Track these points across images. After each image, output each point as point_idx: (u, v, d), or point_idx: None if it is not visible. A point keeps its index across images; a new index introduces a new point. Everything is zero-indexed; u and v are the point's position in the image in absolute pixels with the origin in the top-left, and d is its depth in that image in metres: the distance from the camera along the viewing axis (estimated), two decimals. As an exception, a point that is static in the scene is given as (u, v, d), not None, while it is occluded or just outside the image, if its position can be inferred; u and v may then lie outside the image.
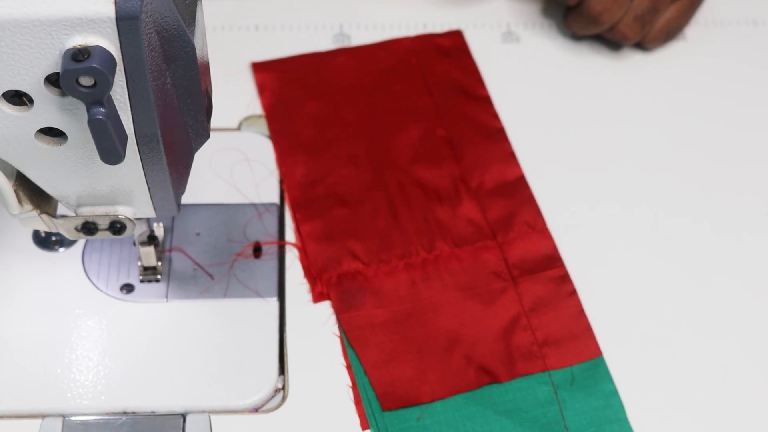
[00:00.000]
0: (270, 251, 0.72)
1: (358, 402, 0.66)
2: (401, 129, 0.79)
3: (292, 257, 0.72)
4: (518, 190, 0.75)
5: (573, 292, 0.70)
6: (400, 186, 0.75)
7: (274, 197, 0.75)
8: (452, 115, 0.79)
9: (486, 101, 0.80)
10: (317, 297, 0.70)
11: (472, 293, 0.70)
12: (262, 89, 0.80)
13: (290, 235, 0.73)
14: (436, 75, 0.82)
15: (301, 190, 0.75)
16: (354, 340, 0.68)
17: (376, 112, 0.80)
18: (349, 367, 0.67)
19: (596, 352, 0.68)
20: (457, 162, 0.77)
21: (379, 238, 0.73)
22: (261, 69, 0.82)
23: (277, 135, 0.78)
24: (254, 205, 0.74)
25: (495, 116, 0.79)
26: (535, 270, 0.71)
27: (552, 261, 0.72)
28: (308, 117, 0.76)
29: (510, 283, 0.71)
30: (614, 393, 0.66)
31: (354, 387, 0.66)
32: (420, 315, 0.69)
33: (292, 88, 0.80)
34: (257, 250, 0.72)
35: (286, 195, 0.75)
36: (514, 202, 0.75)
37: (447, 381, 0.67)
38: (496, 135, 0.78)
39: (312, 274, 0.71)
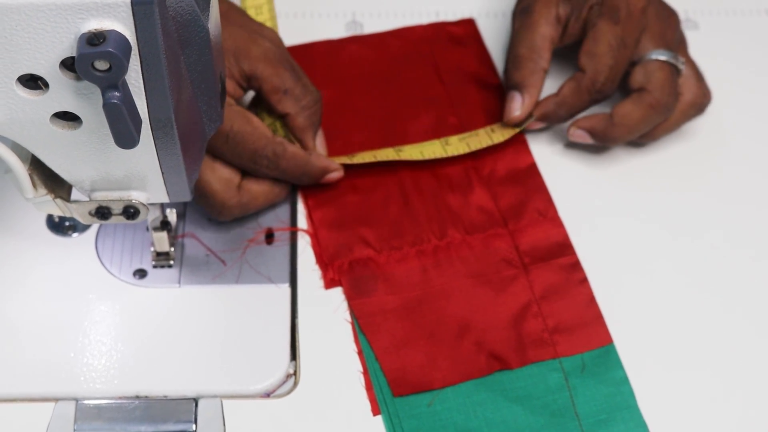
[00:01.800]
0: (282, 237, 0.72)
1: (369, 388, 0.66)
2: (413, 117, 0.79)
3: (304, 243, 0.72)
4: (530, 177, 0.76)
5: (584, 280, 0.70)
6: (412, 173, 0.75)
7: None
8: (464, 104, 0.80)
9: (498, 89, 0.80)
10: (329, 283, 0.70)
11: (483, 280, 0.70)
12: None
13: (302, 221, 0.73)
14: (448, 63, 0.82)
15: None
16: (365, 326, 0.68)
17: (389, 100, 0.80)
18: (360, 353, 0.67)
19: (607, 340, 0.68)
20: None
21: (391, 225, 0.73)
22: None
23: None
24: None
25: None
26: (546, 257, 0.71)
27: (563, 248, 0.72)
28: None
29: (521, 270, 0.71)
30: (625, 380, 0.66)
31: (365, 373, 0.67)
32: (431, 302, 0.70)
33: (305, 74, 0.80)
34: (269, 237, 0.72)
35: None
36: (525, 190, 0.75)
37: (458, 367, 0.67)
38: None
39: (324, 260, 0.71)
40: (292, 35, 0.83)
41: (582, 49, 0.75)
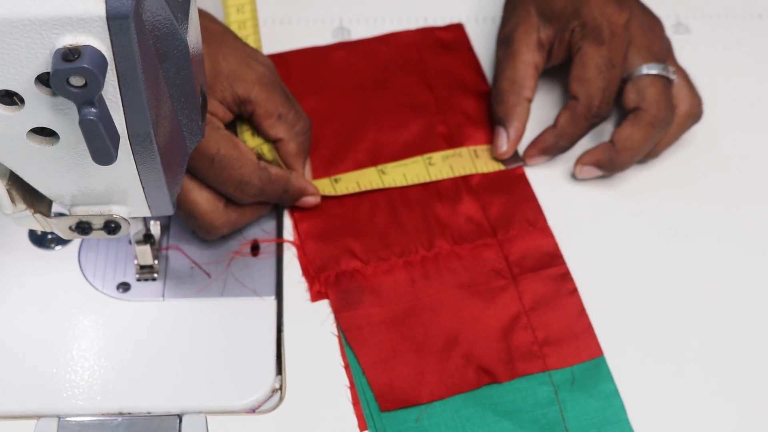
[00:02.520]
0: (268, 249, 0.71)
1: (356, 403, 0.65)
2: (401, 124, 0.78)
3: (290, 255, 0.71)
4: (519, 187, 0.75)
5: (574, 291, 0.70)
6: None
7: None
8: (453, 111, 0.79)
9: (487, 96, 0.79)
10: (315, 296, 0.69)
11: (472, 291, 0.70)
12: None
13: (288, 233, 0.72)
14: (436, 69, 0.81)
15: None
16: (352, 339, 0.67)
17: (376, 107, 0.79)
18: (347, 367, 0.67)
19: (597, 352, 0.67)
20: None
21: (378, 236, 0.72)
22: None
23: None
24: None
25: None
26: (536, 268, 0.71)
27: (553, 259, 0.71)
28: (308, 112, 0.75)
29: (510, 281, 0.70)
30: (615, 393, 0.66)
31: (352, 387, 0.66)
32: (419, 314, 0.69)
33: (292, 82, 0.79)
34: (255, 249, 0.71)
35: None
36: (514, 199, 0.74)
37: (446, 381, 0.66)
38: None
39: (310, 273, 0.70)
40: (277, 42, 0.82)
41: (571, 75, 0.74)
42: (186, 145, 0.58)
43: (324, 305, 0.69)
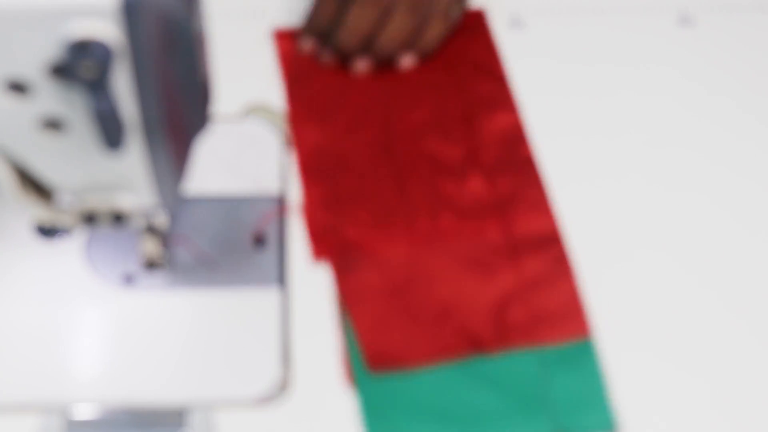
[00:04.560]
0: (273, 241, 0.71)
1: (346, 363, 0.66)
2: (416, 100, 0.79)
3: (296, 246, 0.71)
4: (527, 168, 0.76)
5: (571, 272, 0.71)
6: (410, 157, 0.76)
7: (277, 186, 0.74)
8: (468, 91, 0.80)
9: (502, 79, 0.80)
10: (317, 257, 0.71)
11: (471, 266, 0.71)
12: (283, 57, 0.81)
13: (294, 223, 0.72)
14: (455, 49, 0.82)
15: (312, 154, 0.76)
16: (349, 301, 0.69)
17: (393, 82, 0.80)
18: (340, 330, 0.68)
19: (587, 332, 0.68)
20: (469, 137, 0.77)
21: (385, 205, 0.73)
22: (282, 37, 0.82)
23: (294, 101, 0.79)
24: (257, 195, 0.73)
25: (509, 94, 0.80)
26: (536, 248, 0.72)
27: (553, 240, 0.72)
28: (324, 85, 0.76)
29: (510, 258, 0.71)
30: (601, 373, 0.67)
31: (344, 350, 0.67)
32: (417, 283, 0.70)
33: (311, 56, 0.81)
34: (260, 240, 0.71)
35: (297, 158, 0.75)
36: (521, 180, 0.75)
37: (436, 349, 0.67)
38: (511, 113, 0.78)
39: (314, 236, 0.71)
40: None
41: None
42: (193, 134, 0.58)
43: (330, 296, 0.69)
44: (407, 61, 0.80)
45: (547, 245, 0.72)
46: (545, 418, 0.65)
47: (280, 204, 0.73)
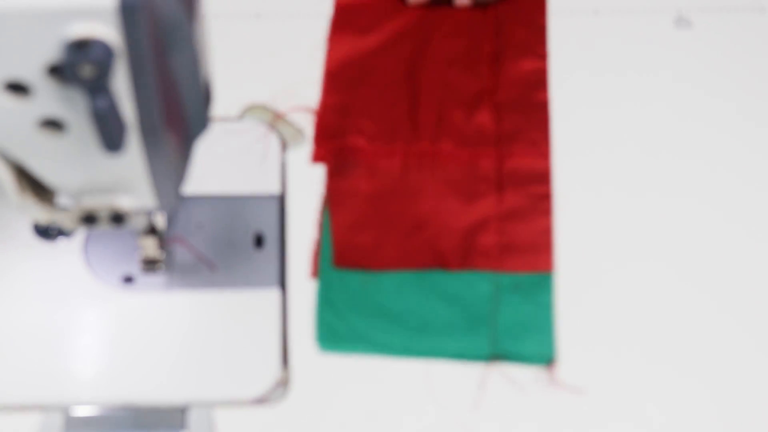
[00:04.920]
0: (272, 241, 0.72)
1: (315, 254, 0.70)
2: (452, 34, 0.82)
3: (295, 247, 0.72)
4: (538, 111, 0.78)
5: (548, 211, 0.73)
6: (430, 83, 0.79)
7: (275, 187, 0.74)
8: (505, 34, 0.82)
9: (542, 30, 0.82)
10: (316, 158, 0.75)
11: (455, 190, 0.74)
12: None
13: (293, 226, 0.73)
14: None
15: (338, 64, 0.79)
16: (333, 201, 0.72)
17: (440, 15, 0.83)
18: (319, 226, 0.71)
19: (549, 268, 0.71)
20: (492, 74, 0.79)
21: (391, 121, 0.77)
22: None
23: (339, 11, 0.82)
24: (257, 195, 0.73)
25: (543, 44, 0.82)
26: (522, 183, 0.74)
27: (541, 178, 0.75)
28: (374, 4, 0.82)
29: (494, 189, 0.74)
30: (550, 305, 0.69)
31: (317, 243, 0.70)
32: (400, 196, 0.73)
33: None
34: (259, 241, 0.72)
35: (325, 65, 0.80)
36: (528, 120, 0.77)
37: (401, 256, 0.71)
38: (539, 60, 0.81)
39: (319, 139, 0.75)
40: (280, 36, 0.82)
41: None
42: (192, 135, 0.58)
43: (329, 296, 0.70)
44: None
45: (534, 182, 0.74)
46: (487, 339, 0.67)
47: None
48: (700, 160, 0.78)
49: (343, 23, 0.82)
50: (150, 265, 0.70)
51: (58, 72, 0.49)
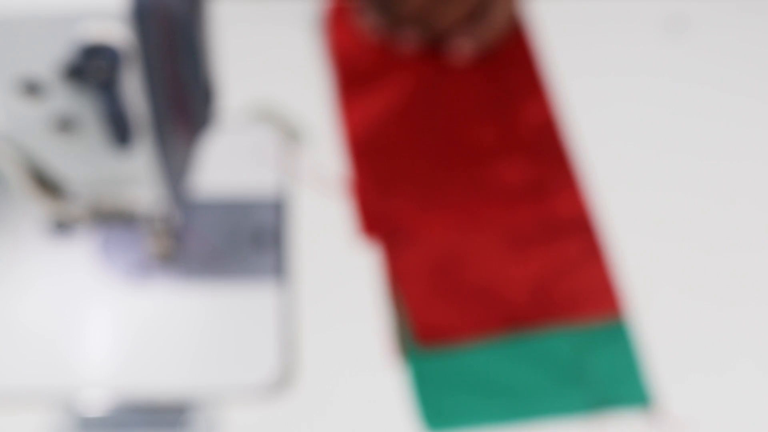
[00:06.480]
0: (275, 237, 0.73)
1: (391, 339, 0.69)
2: (455, 89, 0.81)
3: (300, 240, 0.72)
4: (561, 153, 0.78)
5: (603, 254, 0.73)
6: (451, 143, 0.78)
7: (280, 186, 0.75)
8: (506, 81, 0.81)
9: (541, 70, 0.82)
10: (368, 236, 0.74)
11: (507, 245, 0.73)
12: (332, 36, 0.84)
13: (296, 224, 0.73)
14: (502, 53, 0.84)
15: (359, 136, 0.79)
16: (401, 280, 0.72)
17: (430, 72, 0.82)
18: (388, 306, 0.70)
19: (619, 312, 0.70)
20: (505, 125, 0.79)
21: (428, 190, 0.76)
22: (334, 15, 0.85)
23: (341, 78, 0.82)
24: (259, 195, 0.75)
25: (547, 90, 0.81)
26: (577, 229, 0.74)
27: (593, 221, 0.74)
28: (372, 62, 0.82)
29: (550, 238, 0.74)
30: (636, 351, 0.68)
31: (390, 326, 0.69)
32: (459, 263, 0.73)
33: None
34: (264, 237, 0.73)
35: (345, 138, 0.78)
36: (555, 164, 0.77)
37: (478, 324, 0.70)
38: (546, 103, 0.80)
39: (366, 215, 0.75)
40: (283, 40, 0.83)
41: None
42: (200, 135, 0.59)
43: (335, 291, 0.71)
44: (463, 49, 0.82)
45: (588, 225, 0.74)
46: (582, 394, 0.67)
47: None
48: (704, 164, 0.78)
49: (347, 82, 0.81)
50: (159, 260, 0.71)
51: (71, 73, 0.50)
